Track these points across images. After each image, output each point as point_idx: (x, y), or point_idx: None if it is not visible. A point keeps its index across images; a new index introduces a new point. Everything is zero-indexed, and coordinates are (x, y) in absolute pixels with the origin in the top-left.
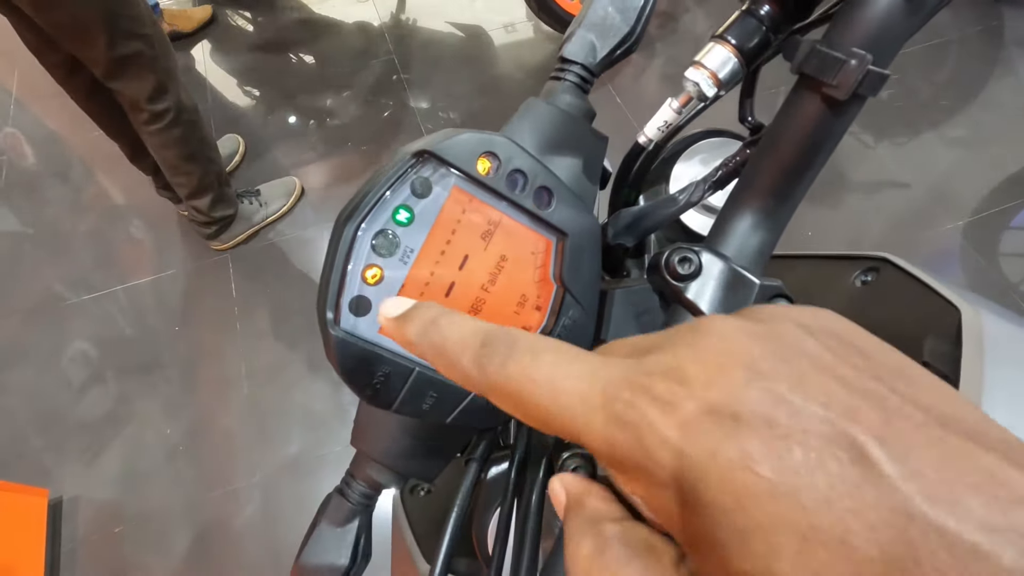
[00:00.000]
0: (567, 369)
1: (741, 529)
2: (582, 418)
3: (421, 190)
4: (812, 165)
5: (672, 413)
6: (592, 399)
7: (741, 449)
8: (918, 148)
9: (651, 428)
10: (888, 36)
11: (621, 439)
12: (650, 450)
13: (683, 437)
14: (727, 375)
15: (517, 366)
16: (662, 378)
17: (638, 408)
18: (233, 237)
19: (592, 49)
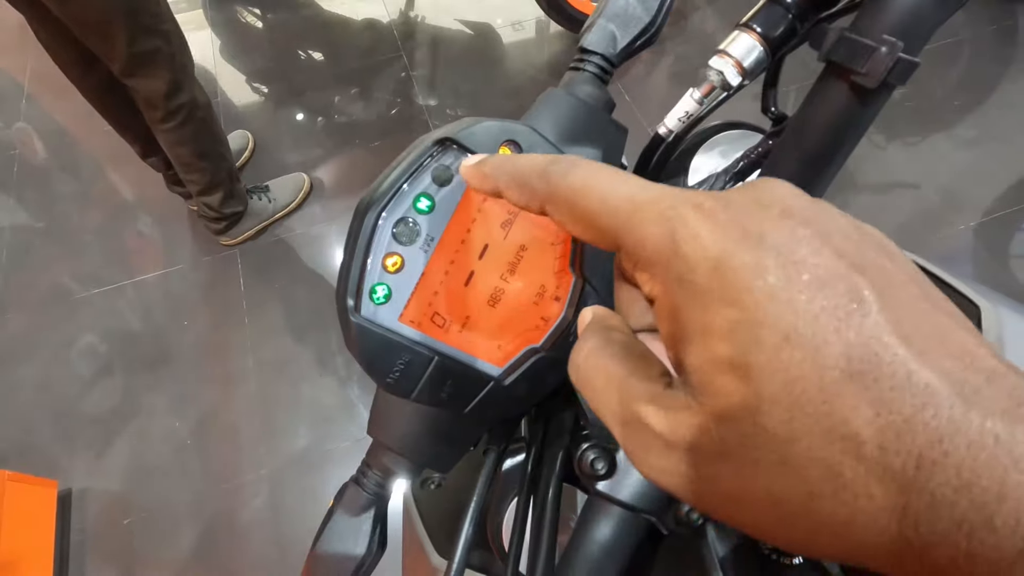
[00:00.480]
0: (622, 180)
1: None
2: (625, 216)
3: (442, 178)
4: (837, 155)
5: (708, 219)
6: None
7: (758, 259)
8: (929, 148)
9: (685, 225)
10: (919, 23)
11: (657, 233)
12: (679, 243)
13: (711, 236)
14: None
15: (578, 176)
16: (709, 198)
17: (679, 210)
18: (242, 232)
19: (612, 40)
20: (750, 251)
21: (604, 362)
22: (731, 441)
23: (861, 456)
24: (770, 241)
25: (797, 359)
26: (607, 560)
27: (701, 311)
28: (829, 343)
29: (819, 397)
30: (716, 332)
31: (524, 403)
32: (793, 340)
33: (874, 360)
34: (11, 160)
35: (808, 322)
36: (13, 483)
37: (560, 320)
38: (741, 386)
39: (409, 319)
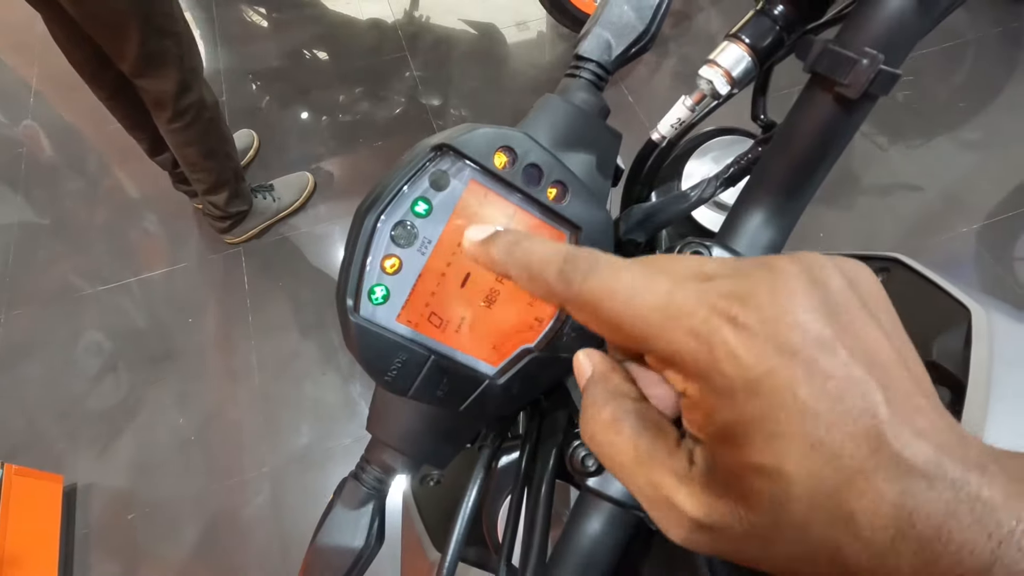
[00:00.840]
0: (646, 284)
1: (769, 432)
2: (657, 326)
3: (439, 183)
4: (823, 162)
5: (743, 333)
6: (669, 311)
7: (791, 375)
8: (933, 151)
9: (724, 343)
10: (900, 36)
11: (693, 347)
12: (719, 361)
13: (749, 354)
14: (791, 313)
15: (598, 280)
16: (739, 303)
17: (713, 324)
18: (246, 231)
19: (607, 47)
20: (785, 368)
21: (623, 438)
22: (758, 525)
23: (859, 537)
24: (801, 356)
25: (820, 464)
26: (597, 554)
27: (737, 419)
28: (845, 447)
29: (833, 492)
30: (753, 441)
31: (518, 401)
32: (817, 448)
33: (875, 457)
34: (18, 158)
35: (829, 430)
36: (20, 477)
37: (554, 321)
38: (774, 486)
39: (406, 319)
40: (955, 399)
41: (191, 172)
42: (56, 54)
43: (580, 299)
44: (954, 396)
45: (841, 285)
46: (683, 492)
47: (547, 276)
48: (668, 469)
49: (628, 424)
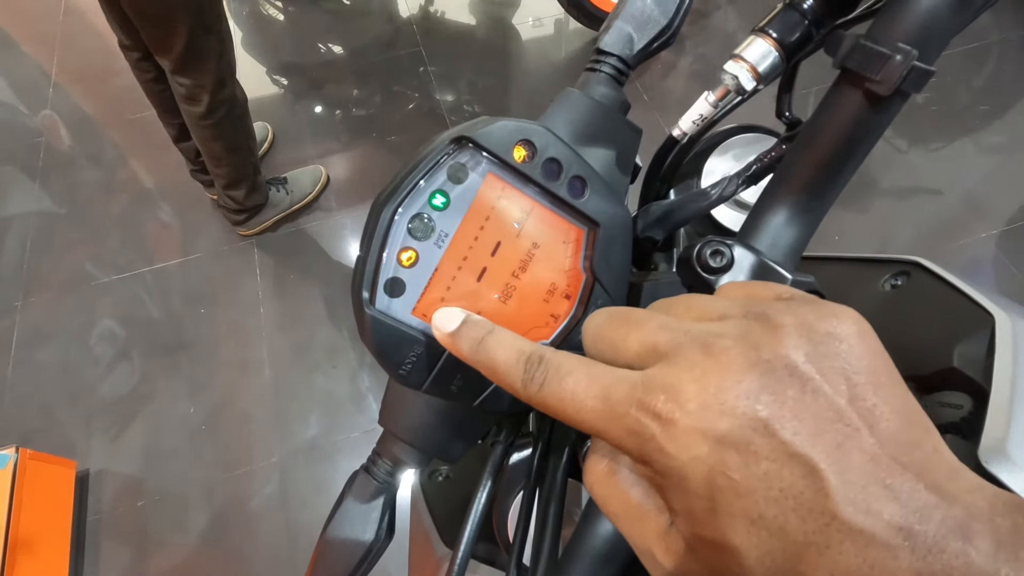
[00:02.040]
0: (586, 390)
1: (709, 509)
2: (602, 425)
3: (457, 176)
4: (850, 161)
5: (668, 428)
6: (606, 414)
7: (720, 459)
8: (953, 154)
9: (652, 440)
10: (935, 32)
11: (631, 443)
12: (650, 454)
13: (676, 448)
14: (719, 399)
15: (549, 388)
16: (664, 397)
17: (642, 423)
18: (260, 223)
19: (629, 41)
20: (712, 454)
21: (618, 488)
22: None
23: None
24: (729, 439)
25: (765, 537)
26: (610, 555)
27: (683, 499)
28: (789, 522)
29: (787, 563)
30: (697, 518)
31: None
32: (759, 523)
33: (825, 531)
34: (37, 147)
35: (769, 506)
36: (34, 462)
37: (570, 318)
38: (726, 558)
39: (422, 313)
40: (977, 406)
41: (214, 167)
42: (76, 46)
43: (538, 404)
44: (976, 403)
45: (796, 359)
46: (661, 549)
47: (511, 381)
48: (653, 524)
49: (622, 477)
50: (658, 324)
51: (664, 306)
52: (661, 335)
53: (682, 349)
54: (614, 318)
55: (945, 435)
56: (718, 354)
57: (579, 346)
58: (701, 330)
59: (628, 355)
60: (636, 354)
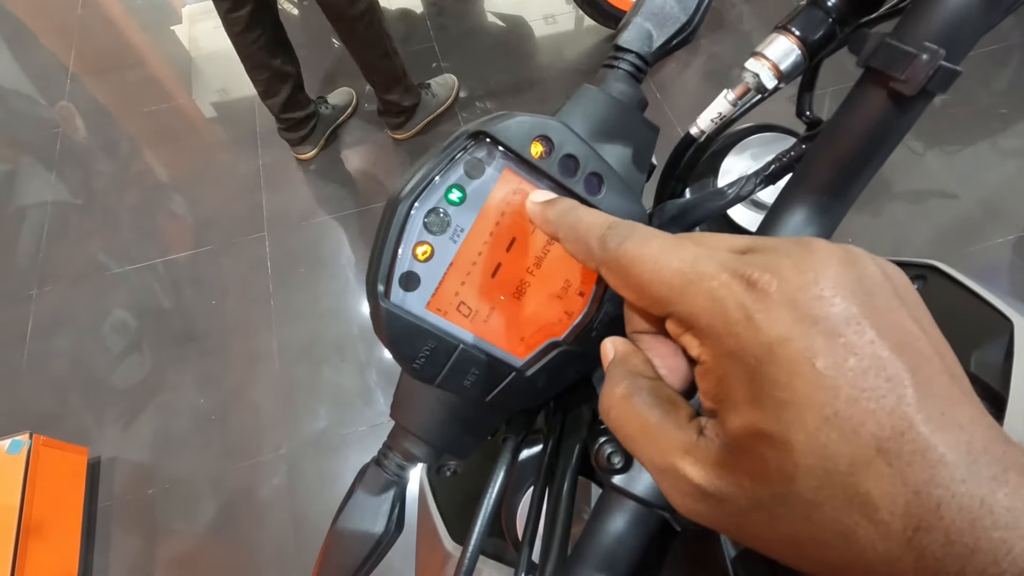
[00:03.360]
0: (673, 251)
1: (780, 400)
2: (678, 289)
3: (474, 171)
4: (872, 162)
5: (762, 299)
6: (690, 275)
7: (809, 344)
8: (970, 157)
9: (740, 306)
10: (963, 31)
11: (709, 308)
12: (733, 323)
13: (765, 319)
14: (818, 285)
15: (631, 244)
16: (761, 270)
17: (731, 288)
18: (415, 126)
19: (648, 38)
20: (802, 336)
21: (636, 410)
22: (763, 498)
23: (874, 520)
24: (821, 325)
25: (834, 438)
26: (619, 553)
27: (750, 385)
28: (865, 424)
29: (848, 470)
30: (763, 407)
31: (544, 394)
32: (833, 422)
33: (899, 439)
34: (54, 138)
35: (848, 405)
36: (47, 448)
37: (583, 315)
38: (780, 456)
39: (436, 307)
40: (995, 414)
41: (370, 74)
42: (94, 38)
43: (613, 262)
44: (994, 410)
45: (877, 273)
46: (688, 460)
47: (589, 239)
48: (676, 439)
49: (640, 399)
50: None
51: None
52: (743, 239)
53: (777, 244)
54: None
55: None
56: (817, 249)
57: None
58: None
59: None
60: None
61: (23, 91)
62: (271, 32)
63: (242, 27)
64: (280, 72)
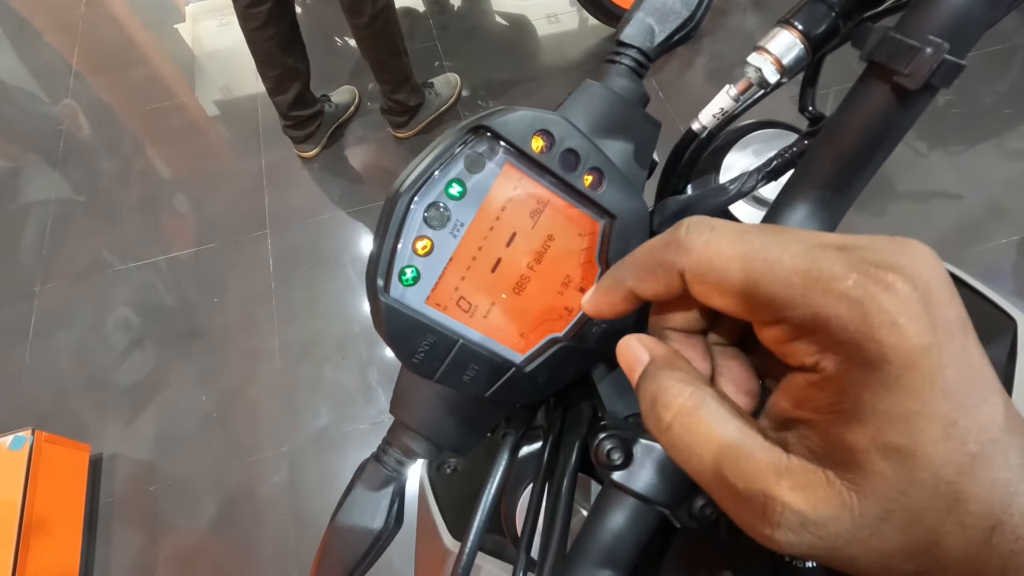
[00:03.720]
0: (781, 246)
1: (910, 411)
2: (799, 289)
3: (474, 165)
4: (875, 157)
5: (904, 305)
6: (813, 274)
7: (945, 352)
8: (974, 158)
9: (882, 310)
10: (968, 25)
11: (845, 313)
12: (875, 328)
13: (910, 325)
14: (942, 290)
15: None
16: (892, 271)
17: (869, 290)
18: (417, 124)
19: (650, 33)
20: (939, 344)
21: (707, 426)
22: (868, 517)
23: (965, 525)
24: (947, 330)
25: (950, 449)
26: (619, 549)
27: (883, 396)
28: (970, 431)
29: (954, 478)
30: (894, 419)
31: (544, 390)
32: (951, 432)
33: (990, 445)
34: (57, 135)
35: (963, 414)
36: (50, 445)
37: (583, 311)
38: (899, 470)
39: (435, 302)
40: None
41: (381, 73)
42: (97, 36)
43: (704, 263)
44: None
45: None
46: (785, 485)
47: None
48: (764, 461)
49: (710, 412)
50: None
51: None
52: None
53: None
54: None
55: None
56: (916, 247)
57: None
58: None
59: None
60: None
61: (27, 88)
62: (287, 29)
63: (260, 23)
64: (291, 70)
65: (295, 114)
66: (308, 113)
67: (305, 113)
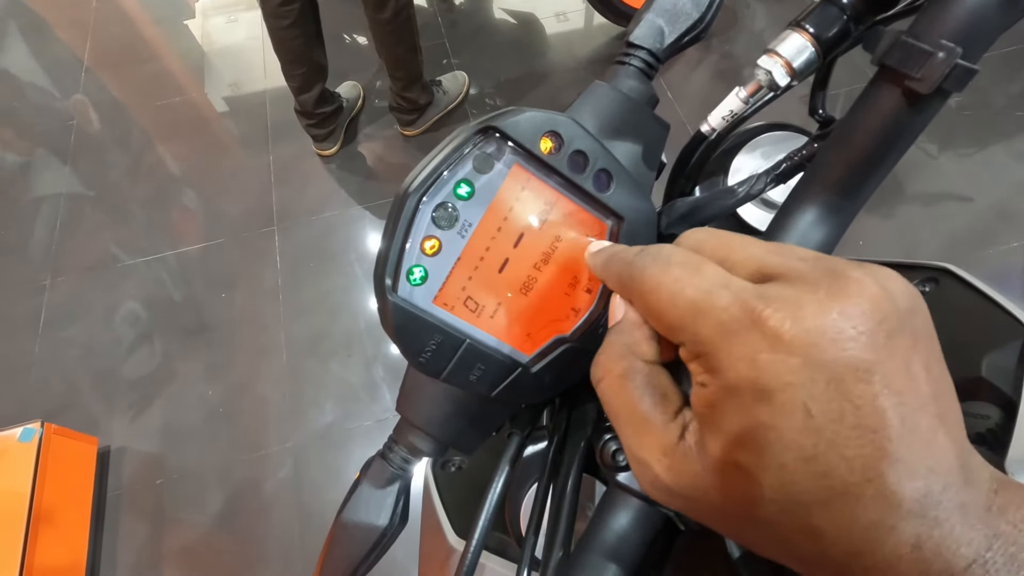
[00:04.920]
0: (690, 279)
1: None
2: (691, 319)
3: (483, 166)
4: (885, 161)
5: (772, 340)
6: (702, 305)
7: (810, 391)
8: (985, 161)
9: (745, 343)
10: (981, 30)
11: (716, 340)
12: (736, 359)
13: (769, 363)
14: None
15: (654, 271)
16: (777, 307)
17: (740, 323)
18: (425, 122)
19: (660, 34)
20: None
21: (628, 393)
22: (728, 513)
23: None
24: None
25: (804, 478)
26: (622, 550)
27: (739, 420)
28: (837, 468)
29: (806, 505)
30: (745, 443)
31: (550, 391)
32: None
33: (864, 486)
34: (68, 130)
35: (828, 449)
36: (58, 437)
37: (590, 312)
38: (749, 486)
39: (443, 302)
40: (1005, 418)
41: (395, 70)
42: (108, 32)
43: (637, 290)
44: (1005, 415)
45: (905, 310)
46: (664, 463)
47: (621, 260)
48: (658, 436)
49: (635, 384)
50: (767, 248)
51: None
52: (773, 258)
53: (803, 272)
54: (716, 236)
55: None
56: (849, 282)
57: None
58: (823, 259)
59: (735, 272)
60: (746, 271)
61: (38, 83)
62: (313, 26)
63: (291, 21)
64: (317, 67)
65: (320, 111)
66: (330, 110)
67: (328, 110)
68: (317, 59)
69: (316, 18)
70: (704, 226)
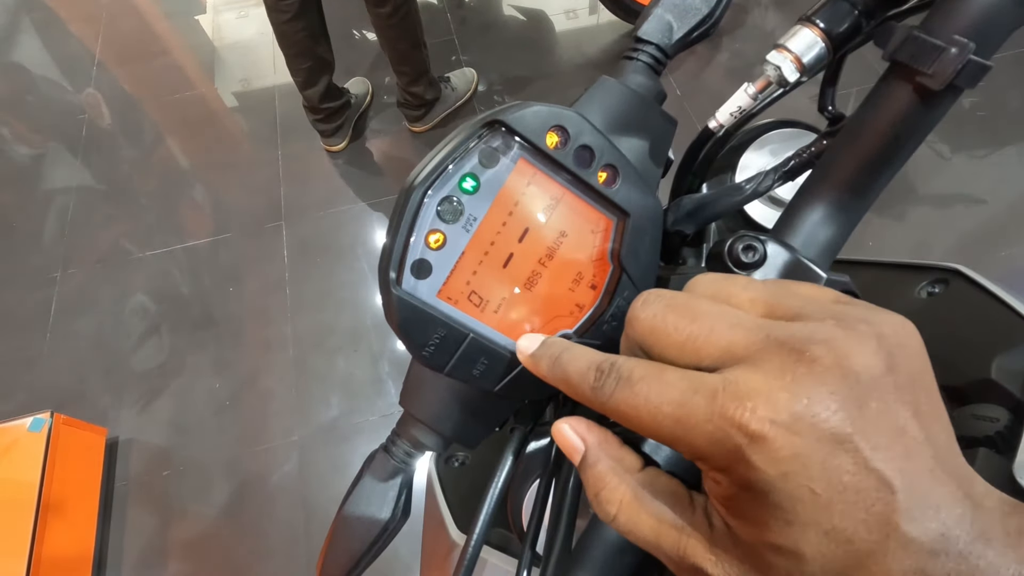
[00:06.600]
0: (661, 396)
1: (785, 520)
2: (680, 434)
3: (489, 160)
4: (895, 159)
5: (759, 443)
6: (685, 423)
7: (808, 474)
8: (999, 162)
9: (737, 451)
10: (994, 25)
11: (713, 452)
12: (736, 463)
13: (766, 462)
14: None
15: (621, 395)
16: (751, 407)
17: (727, 433)
18: (433, 119)
19: (669, 30)
20: (801, 470)
21: (646, 515)
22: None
23: None
24: (816, 452)
25: (832, 547)
26: (624, 547)
27: (758, 508)
28: (858, 532)
29: (845, 568)
30: (770, 526)
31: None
32: (831, 535)
33: (885, 542)
34: (80, 123)
35: (843, 519)
36: (67, 428)
37: (595, 308)
38: (790, 563)
39: (447, 296)
40: (1015, 421)
41: (400, 65)
42: (120, 27)
43: (614, 413)
44: (1014, 418)
45: (878, 369)
46: (711, 560)
47: (583, 390)
48: (693, 537)
49: (647, 500)
50: (730, 322)
51: (721, 291)
52: (737, 335)
53: (768, 353)
54: (673, 310)
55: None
56: (810, 362)
57: (604, 337)
58: (784, 332)
59: (698, 357)
60: (709, 356)
61: (51, 77)
62: (316, 20)
63: (293, 14)
64: (322, 61)
65: (326, 106)
66: (337, 105)
67: (334, 105)
68: (322, 54)
69: (319, 12)
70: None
